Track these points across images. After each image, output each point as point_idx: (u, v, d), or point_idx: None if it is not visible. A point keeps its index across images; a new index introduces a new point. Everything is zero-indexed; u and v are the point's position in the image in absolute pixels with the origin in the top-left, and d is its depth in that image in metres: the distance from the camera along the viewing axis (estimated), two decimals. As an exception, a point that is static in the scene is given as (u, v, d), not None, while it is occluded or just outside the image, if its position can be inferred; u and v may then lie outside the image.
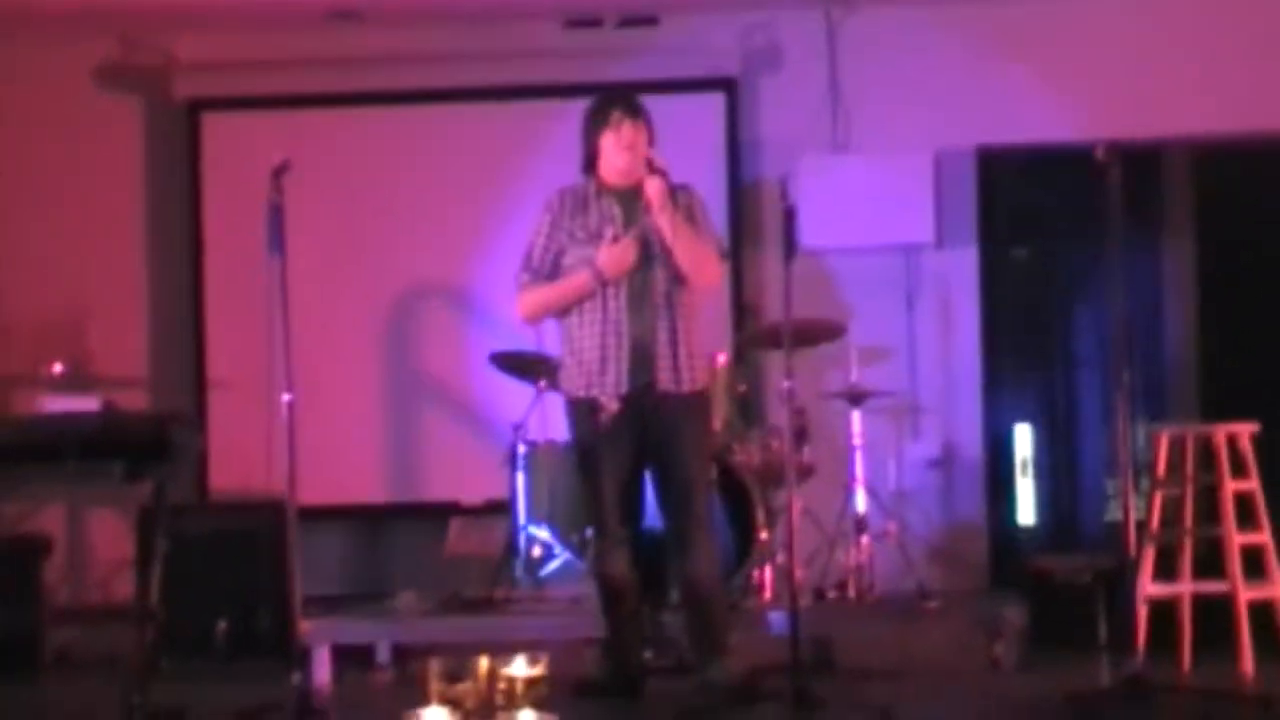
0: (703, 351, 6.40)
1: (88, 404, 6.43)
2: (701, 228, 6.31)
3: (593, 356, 6.23)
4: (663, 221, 6.16)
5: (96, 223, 8.69)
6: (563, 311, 6.32)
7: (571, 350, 6.30)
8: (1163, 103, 8.33)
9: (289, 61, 8.63)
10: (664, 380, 6.21)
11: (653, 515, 6.39)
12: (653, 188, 6.16)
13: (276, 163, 6.10)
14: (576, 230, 6.28)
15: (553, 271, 6.31)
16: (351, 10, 8.43)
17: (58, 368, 8.21)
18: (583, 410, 6.25)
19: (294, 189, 6.16)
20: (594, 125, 6.31)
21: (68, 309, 8.60)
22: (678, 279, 6.23)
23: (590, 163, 6.34)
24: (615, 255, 6.19)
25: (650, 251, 6.23)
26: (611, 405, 6.20)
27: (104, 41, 8.72)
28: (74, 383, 8.15)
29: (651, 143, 6.29)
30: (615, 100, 6.32)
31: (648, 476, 6.33)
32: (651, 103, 6.42)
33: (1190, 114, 8.32)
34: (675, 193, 6.26)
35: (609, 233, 6.24)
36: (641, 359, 6.21)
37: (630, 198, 6.27)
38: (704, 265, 6.26)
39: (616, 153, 6.26)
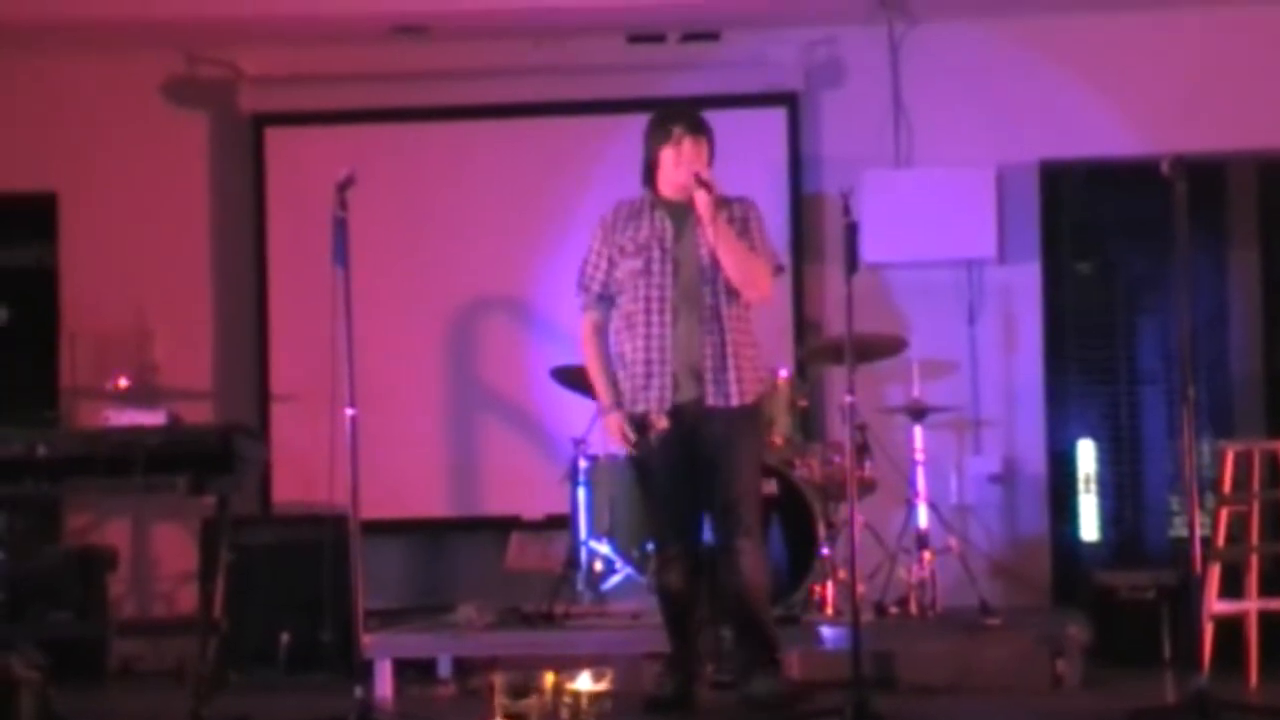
0: (756, 365, 6.36)
1: (153, 417, 6.45)
2: (757, 241, 6.32)
3: (638, 371, 6.26)
4: (711, 234, 6.15)
5: (162, 237, 8.73)
6: (614, 331, 6.37)
7: (622, 366, 6.34)
8: (1228, 116, 8.26)
9: (353, 76, 8.66)
10: (712, 395, 6.21)
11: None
12: (701, 201, 6.17)
13: (341, 176, 6.14)
14: (626, 243, 6.32)
15: (604, 287, 6.35)
16: (416, 26, 8.45)
17: (123, 381, 8.25)
18: (634, 426, 6.28)
19: (358, 203, 6.19)
20: (655, 139, 6.33)
21: (133, 323, 8.64)
22: (730, 293, 6.23)
23: (649, 174, 6.36)
24: (611, 431, 6.33)
25: (700, 265, 6.22)
26: (660, 422, 6.21)
27: (170, 56, 8.77)
28: (139, 396, 8.19)
29: (712, 160, 6.30)
30: (678, 116, 6.34)
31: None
32: (713, 117, 6.44)
33: (1256, 128, 8.25)
34: (732, 204, 6.29)
35: (655, 251, 6.24)
36: (689, 374, 6.23)
37: (684, 212, 6.28)
38: (754, 278, 6.26)
39: (675, 168, 6.27)
